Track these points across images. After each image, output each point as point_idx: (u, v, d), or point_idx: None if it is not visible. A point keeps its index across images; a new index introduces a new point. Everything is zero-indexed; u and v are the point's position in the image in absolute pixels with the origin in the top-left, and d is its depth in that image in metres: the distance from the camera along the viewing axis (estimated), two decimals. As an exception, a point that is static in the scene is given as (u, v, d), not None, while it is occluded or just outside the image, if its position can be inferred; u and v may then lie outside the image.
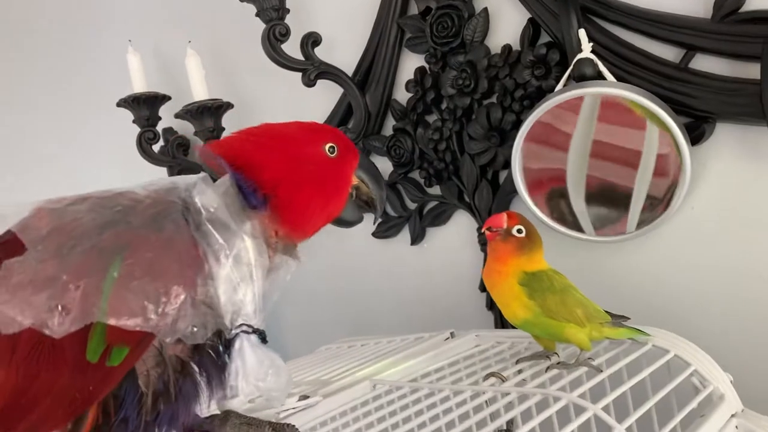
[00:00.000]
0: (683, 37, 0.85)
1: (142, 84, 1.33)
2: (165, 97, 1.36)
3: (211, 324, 0.53)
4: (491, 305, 1.08)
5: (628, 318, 0.76)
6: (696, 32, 0.83)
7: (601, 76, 0.87)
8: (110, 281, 0.48)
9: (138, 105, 1.33)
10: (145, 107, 1.34)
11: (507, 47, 0.99)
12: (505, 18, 1.01)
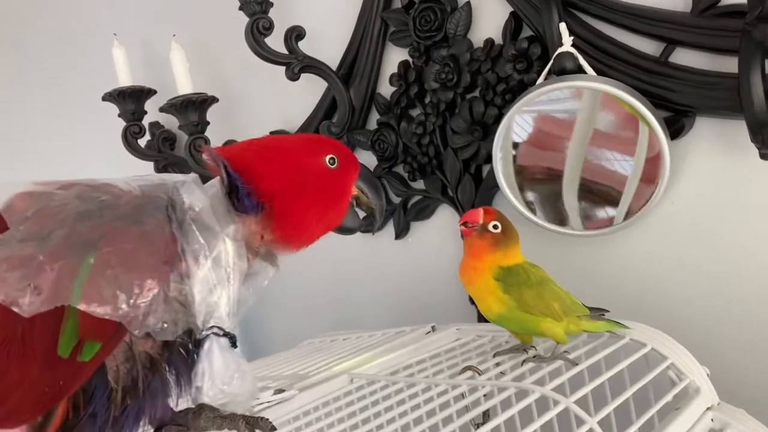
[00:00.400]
0: (663, 31, 0.85)
1: (128, 78, 1.32)
2: (150, 91, 1.35)
3: (183, 322, 0.53)
4: (474, 299, 1.08)
5: (607, 311, 0.77)
6: (676, 26, 0.83)
7: (582, 70, 0.87)
8: (86, 267, 0.48)
9: (123, 99, 1.32)
10: (131, 101, 1.33)
11: (489, 41, 0.99)
12: (488, 12, 1.00)
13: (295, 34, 1.12)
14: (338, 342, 1.00)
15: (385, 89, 1.13)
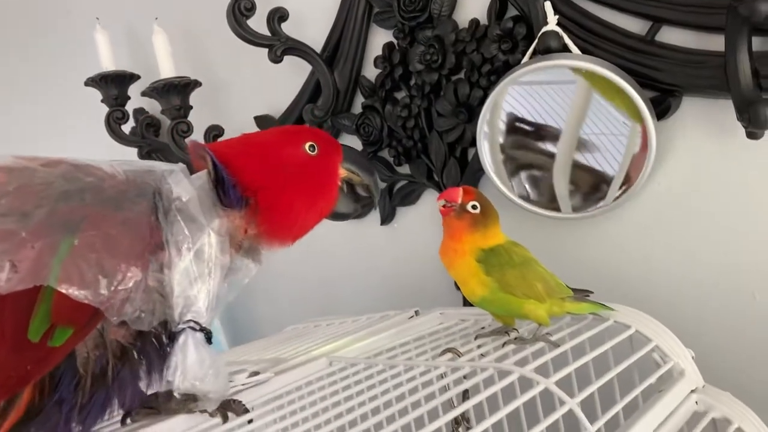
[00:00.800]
0: (649, 9, 0.83)
1: (110, 63, 1.31)
2: (134, 76, 1.34)
3: (160, 313, 0.52)
4: (460, 284, 1.07)
5: (591, 292, 0.75)
6: (662, 4, 0.82)
7: (567, 49, 0.86)
8: (65, 247, 0.47)
9: (106, 84, 1.31)
10: (114, 86, 1.31)
11: (474, 21, 0.97)
12: (473, -9, 0.99)
13: (278, 16, 1.10)
14: (322, 327, 0.99)
15: (370, 72, 1.11)
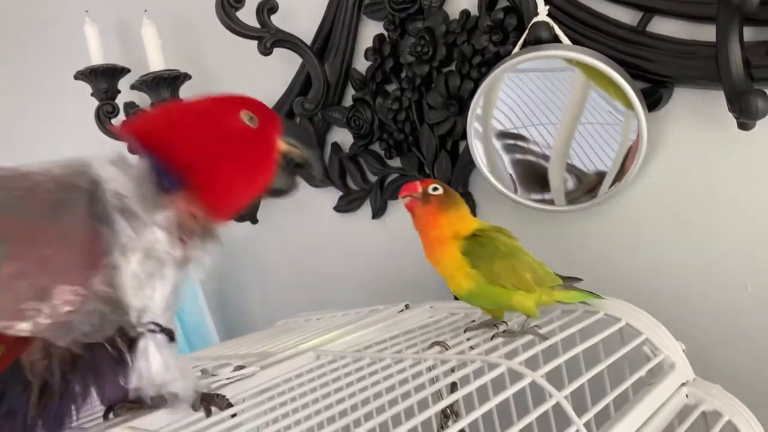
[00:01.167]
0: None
1: (100, 56, 1.29)
2: (124, 70, 1.32)
3: (113, 322, 0.48)
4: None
5: (580, 279, 0.74)
6: (653, -6, 0.81)
7: (557, 40, 0.85)
8: None
9: (96, 77, 1.29)
10: (104, 80, 1.30)
11: (465, 12, 0.96)
12: (463, -18, 0.98)
13: (268, 8, 1.09)
14: (312, 321, 0.98)
15: (361, 64, 1.10)
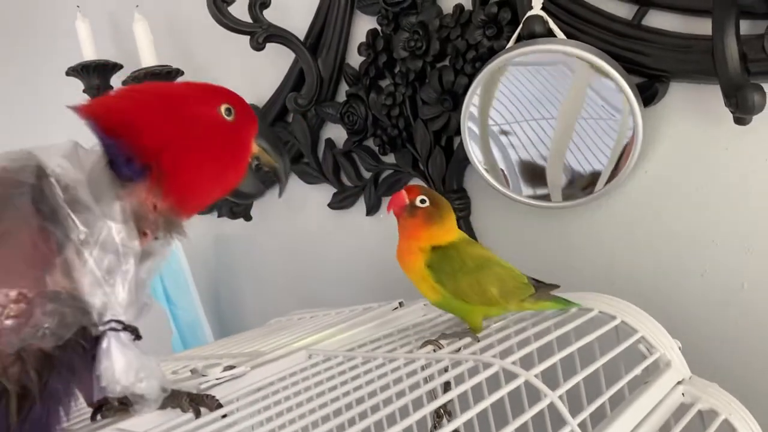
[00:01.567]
0: (636, -7, 0.81)
1: (92, 52, 1.28)
2: (116, 66, 1.31)
3: (73, 322, 0.46)
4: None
5: (557, 286, 0.72)
6: (649, -13, 0.80)
7: (552, 34, 0.84)
8: None
9: (88, 73, 1.28)
10: (96, 76, 1.29)
11: (459, 7, 0.95)
12: (457, -24, 0.97)
13: (260, 3, 1.08)
14: (305, 320, 0.97)
15: (354, 59, 1.09)
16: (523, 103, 0.89)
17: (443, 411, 0.80)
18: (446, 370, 0.61)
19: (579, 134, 0.87)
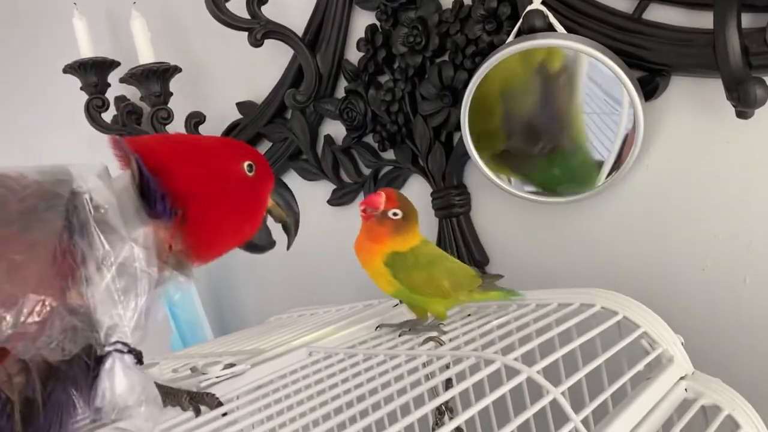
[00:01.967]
0: (636, -14, 0.81)
1: (89, 49, 1.28)
2: (114, 63, 1.31)
3: (82, 338, 0.46)
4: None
5: (501, 276, 0.76)
6: (650, -20, 0.80)
7: (552, 28, 0.83)
8: None
9: (85, 71, 1.28)
10: (93, 73, 1.29)
11: (458, 2, 0.94)
12: (456, -30, 0.96)
13: (258, -2, 1.08)
14: (305, 317, 0.97)
15: (353, 55, 1.08)
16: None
17: (445, 408, 0.80)
18: (448, 367, 0.61)
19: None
